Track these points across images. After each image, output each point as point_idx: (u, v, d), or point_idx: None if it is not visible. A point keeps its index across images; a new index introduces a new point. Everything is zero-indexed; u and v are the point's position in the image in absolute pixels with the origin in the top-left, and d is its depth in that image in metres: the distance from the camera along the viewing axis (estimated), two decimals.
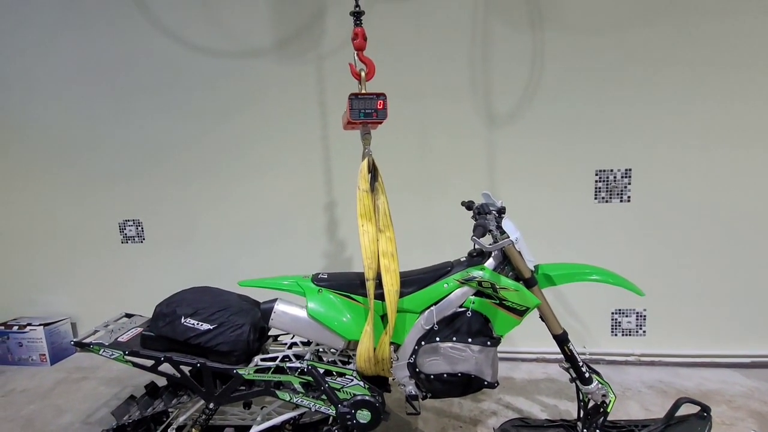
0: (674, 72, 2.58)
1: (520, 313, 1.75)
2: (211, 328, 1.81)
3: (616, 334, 2.88)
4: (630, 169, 2.71)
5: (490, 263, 1.79)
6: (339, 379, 1.83)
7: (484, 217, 1.77)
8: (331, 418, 1.89)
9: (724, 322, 2.76)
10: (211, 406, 1.88)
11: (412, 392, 1.85)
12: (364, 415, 1.79)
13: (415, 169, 2.86)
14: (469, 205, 1.99)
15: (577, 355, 1.82)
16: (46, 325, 3.14)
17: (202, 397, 1.88)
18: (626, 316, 2.85)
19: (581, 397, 1.89)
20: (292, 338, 2.10)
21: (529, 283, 1.76)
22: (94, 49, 2.99)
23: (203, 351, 1.82)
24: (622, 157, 2.70)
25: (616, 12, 2.57)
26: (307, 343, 2.04)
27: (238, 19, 2.86)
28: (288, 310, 1.86)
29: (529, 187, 2.78)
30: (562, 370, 1.89)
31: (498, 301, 1.74)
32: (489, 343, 1.76)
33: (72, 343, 1.92)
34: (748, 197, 2.63)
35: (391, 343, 1.78)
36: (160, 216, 3.16)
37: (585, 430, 1.87)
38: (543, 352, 2.86)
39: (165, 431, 2.00)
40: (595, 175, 2.74)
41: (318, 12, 2.79)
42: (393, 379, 1.91)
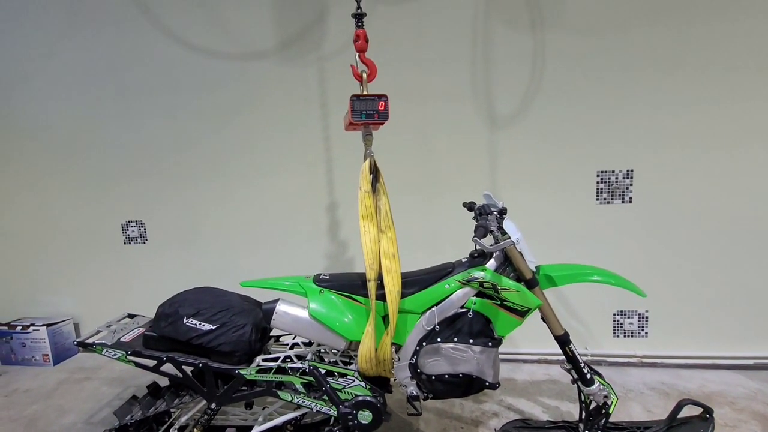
0: (676, 73, 2.57)
1: (522, 314, 1.75)
2: (213, 328, 1.81)
3: (618, 336, 2.87)
4: (632, 170, 2.70)
5: (492, 264, 1.79)
6: (340, 380, 1.83)
7: (486, 218, 1.77)
8: (332, 419, 1.89)
9: (726, 324, 2.75)
10: (213, 406, 1.88)
11: (414, 393, 1.85)
12: (365, 416, 1.80)
13: (416, 170, 2.86)
14: (470, 206, 2.00)
15: (578, 356, 1.82)
16: (49, 326, 3.15)
17: (203, 397, 1.88)
18: (628, 318, 2.85)
19: (583, 399, 1.88)
20: (293, 339, 2.10)
21: (531, 284, 1.76)
22: (98, 51, 3.02)
23: (205, 351, 1.83)
24: (623, 158, 2.70)
25: (618, 13, 2.57)
26: (309, 344, 2.05)
27: (240, 21, 2.88)
28: (290, 310, 1.87)
29: (530, 188, 2.78)
30: (564, 372, 1.89)
31: (499, 302, 1.74)
32: (490, 344, 1.76)
33: (75, 343, 1.92)
34: (750, 198, 2.62)
35: (393, 344, 1.78)
36: (163, 217, 3.18)
37: None
38: (544, 354, 2.86)
39: (167, 431, 2.01)
40: (597, 176, 2.73)
41: (320, 14, 2.80)
42: (394, 380, 1.91)
